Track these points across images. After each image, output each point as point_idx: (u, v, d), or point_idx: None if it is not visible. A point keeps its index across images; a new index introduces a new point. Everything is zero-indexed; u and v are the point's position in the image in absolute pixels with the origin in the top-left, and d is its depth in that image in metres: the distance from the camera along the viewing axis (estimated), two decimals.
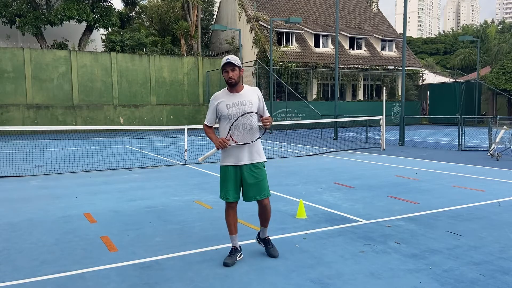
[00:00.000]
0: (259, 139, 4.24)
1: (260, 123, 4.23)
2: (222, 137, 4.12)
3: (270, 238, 4.52)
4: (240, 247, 4.35)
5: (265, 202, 4.26)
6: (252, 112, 4.14)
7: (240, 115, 4.09)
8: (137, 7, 38.52)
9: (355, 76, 33.22)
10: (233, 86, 4.12)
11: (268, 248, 4.35)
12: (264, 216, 4.34)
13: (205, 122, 4.28)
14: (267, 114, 4.27)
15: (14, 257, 4.39)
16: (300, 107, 28.02)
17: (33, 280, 3.80)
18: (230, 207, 4.26)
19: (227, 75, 4.08)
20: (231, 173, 4.16)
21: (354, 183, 8.35)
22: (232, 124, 4.09)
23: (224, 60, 4.06)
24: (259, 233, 4.51)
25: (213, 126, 4.29)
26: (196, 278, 3.83)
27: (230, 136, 4.11)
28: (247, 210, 5.89)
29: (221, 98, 4.17)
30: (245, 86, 4.24)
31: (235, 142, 4.11)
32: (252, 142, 4.16)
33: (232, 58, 4.07)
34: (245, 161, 4.14)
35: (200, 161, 4.40)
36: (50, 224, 5.60)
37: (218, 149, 4.14)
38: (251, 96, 4.18)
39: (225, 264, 4.10)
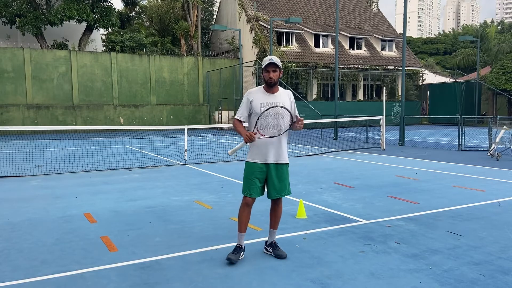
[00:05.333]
0: (285, 132, 4.28)
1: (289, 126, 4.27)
2: (249, 132, 4.15)
3: None
4: (244, 247, 4.35)
5: (279, 200, 4.39)
6: (279, 107, 4.16)
7: (271, 106, 4.14)
8: (137, 7, 38.54)
9: (355, 76, 33.23)
10: (271, 86, 4.21)
11: (276, 250, 4.37)
12: (275, 214, 4.42)
13: (236, 117, 4.30)
14: (297, 114, 4.36)
15: (14, 257, 4.39)
16: (300, 107, 27.97)
17: (33, 280, 3.80)
18: (247, 204, 4.29)
19: (268, 75, 4.15)
20: (257, 169, 4.22)
21: (354, 183, 8.34)
22: (261, 115, 4.12)
23: (268, 60, 4.13)
24: (266, 242, 4.52)
25: (243, 122, 4.32)
26: (196, 278, 3.83)
27: (257, 129, 4.14)
28: None
29: (256, 96, 4.24)
30: (280, 88, 4.32)
31: (262, 135, 4.13)
32: (278, 135, 4.20)
33: (275, 59, 4.14)
34: (271, 160, 4.22)
35: (230, 154, 4.46)
36: (50, 224, 5.60)
37: (246, 142, 4.14)
38: (284, 98, 4.27)
39: (229, 259, 4.11)
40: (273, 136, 4.18)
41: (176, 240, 4.90)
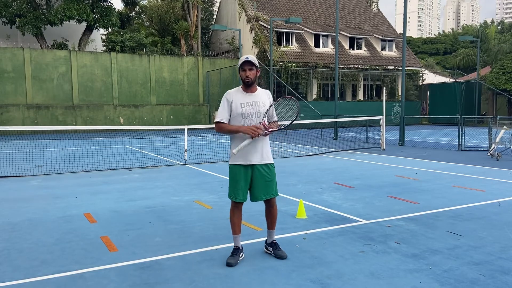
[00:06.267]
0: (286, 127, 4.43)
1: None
2: (252, 125, 4.04)
3: None
4: (242, 247, 4.35)
5: (272, 201, 4.31)
6: (286, 98, 4.35)
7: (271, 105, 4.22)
8: (137, 7, 38.53)
9: (355, 76, 33.23)
10: (249, 86, 4.16)
11: (276, 250, 4.35)
12: (270, 216, 4.37)
13: (217, 120, 4.16)
14: (275, 118, 4.33)
15: (14, 257, 4.39)
16: (300, 107, 28.00)
17: (33, 280, 3.80)
18: (237, 207, 4.26)
19: (245, 74, 4.10)
20: (241, 172, 4.16)
21: (354, 183, 8.34)
22: (267, 112, 4.13)
23: (243, 58, 4.08)
24: (266, 240, 4.52)
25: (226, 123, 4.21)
26: (196, 278, 3.83)
27: (263, 123, 4.06)
28: (247, 210, 5.88)
29: (235, 96, 4.17)
30: (259, 88, 4.29)
31: (267, 128, 4.04)
32: (284, 128, 4.37)
33: (251, 57, 4.10)
34: (255, 161, 4.15)
35: (235, 154, 4.17)
36: (50, 224, 5.60)
37: (253, 137, 3.98)
38: (263, 98, 4.23)
39: (228, 264, 4.10)
40: (280, 129, 4.16)
41: (176, 240, 4.90)
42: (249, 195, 4.26)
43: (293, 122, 4.45)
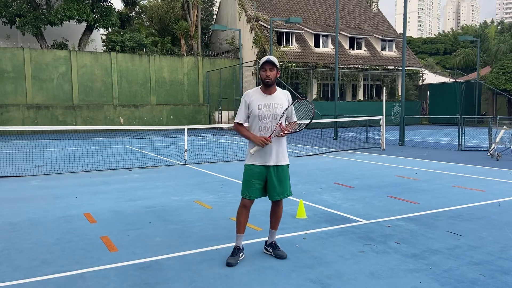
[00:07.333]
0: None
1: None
2: (262, 136, 4.09)
3: None
4: (242, 247, 4.35)
5: (279, 201, 4.35)
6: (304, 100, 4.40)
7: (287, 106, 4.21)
8: (137, 7, 38.53)
9: (355, 76, 33.23)
10: (268, 86, 4.17)
11: (276, 250, 4.36)
12: (275, 215, 4.39)
13: (236, 121, 4.23)
14: (295, 118, 4.36)
15: (14, 257, 4.39)
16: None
17: (33, 280, 3.80)
18: (245, 206, 4.26)
19: (265, 73, 4.11)
20: (257, 172, 4.18)
21: (354, 183, 8.34)
22: (283, 113, 4.17)
23: (265, 58, 4.10)
24: (266, 242, 4.52)
25: (244, 124, 4.28)
26: (196, 278, 3.83)
27: (280, 124, 4.11)
28: None
29: (253, 97, 4.19)
30: (278, 89, 4.28)
31: (283, 130, 4.09)
32: (299, 130, 4.36)
33: (273, 58, 4.12)
34: (272, 162, 4.18)
35: (252, 153, 4.21)
36: (50, 224, 5.60)
37: (262, 146, 4.07)
38: (282, 99, 4.24)
39: (228, 264, 4.10)
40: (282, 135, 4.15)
41: (176, 240, 4.90)
42: (268, 195, 4.29)
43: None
